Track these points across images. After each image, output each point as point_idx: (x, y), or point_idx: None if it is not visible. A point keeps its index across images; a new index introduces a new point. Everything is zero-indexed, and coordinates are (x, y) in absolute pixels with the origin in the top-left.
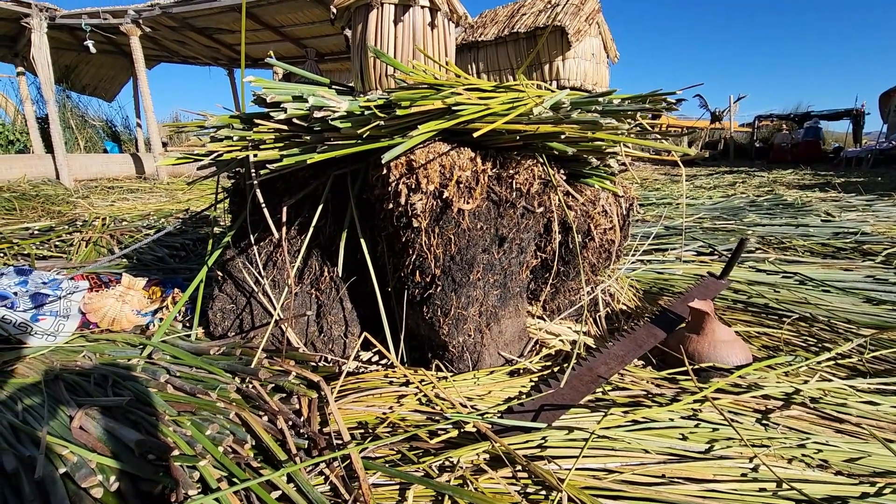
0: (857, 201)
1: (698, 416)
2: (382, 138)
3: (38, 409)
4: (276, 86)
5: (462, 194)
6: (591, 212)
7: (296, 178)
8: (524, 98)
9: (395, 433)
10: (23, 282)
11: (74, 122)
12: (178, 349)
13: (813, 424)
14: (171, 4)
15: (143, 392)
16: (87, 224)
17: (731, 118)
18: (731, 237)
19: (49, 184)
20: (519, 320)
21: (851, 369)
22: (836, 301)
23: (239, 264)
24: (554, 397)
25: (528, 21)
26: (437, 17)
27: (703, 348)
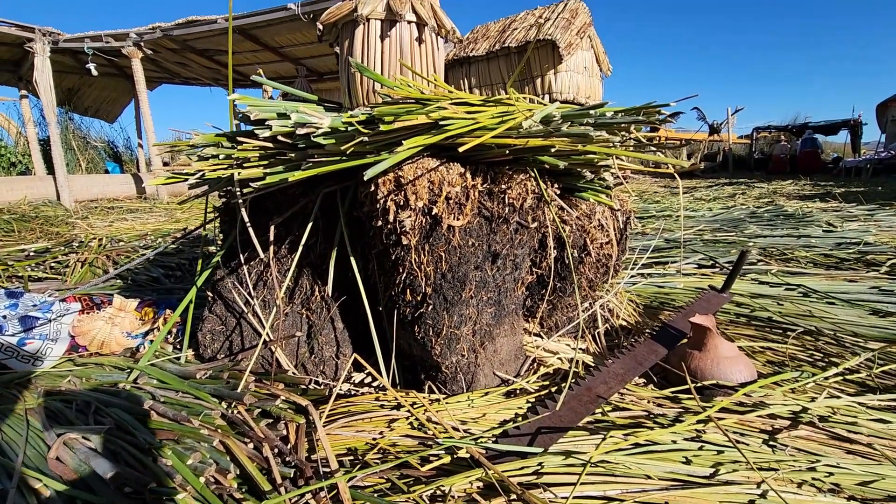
0: (858, 211)
1: (702, 437)
2: (368, 154)
3: (17, 438)
4: (260, 103)
5: (452, 210)
6: (587, 226)
7: (285, 196)
8: (514, 112)
9: (385, 460)
10: (13, 305)
11: (76, 144)
12: (166, 373)
13: (822, 445)
14: (172, 27)
15: (126, 419)
16: (83, 245)
17: (729, 130)
18: (732, 249)
19: (49, 205)
20: (515, 338)
21: (860, 385)
22: (842, 313)
23: (229, 284)
24: (551, 419)
25: (519, 36)
26: (425, 32)
27: (705, 365)
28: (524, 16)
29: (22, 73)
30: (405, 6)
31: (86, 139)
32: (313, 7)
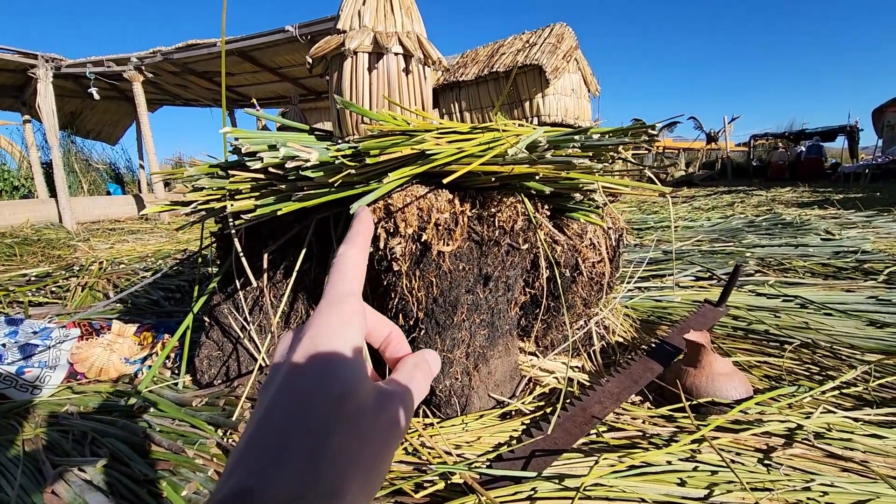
0: (856, 218)
1: (697, 457)
2: (357, 184)
3: (13, 470)
4: (251, 135)
5: (441, 236)
6: (579, 246)
7: (280, 223)
8: (501, 139)
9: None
10: (12, 332)
11: (78, 166)
12: (163, 400)
13: (817, 463)
14: (172, 51)
15: (122, 450)
16: (83, 269)
17: (726, 138)
18: (730, 260)
19: (52, 228)
20: (509, 359)
21: (857, 398)
22: (839, 325)
23: (225, 310)
24: (545, 442)
25: (507, 60)
26: (412, 63)
27: (700, 382)
28: (512, 41)
29: (25, 98)
30: (392, 39)
31: (88, 161)
32: (310, 29)
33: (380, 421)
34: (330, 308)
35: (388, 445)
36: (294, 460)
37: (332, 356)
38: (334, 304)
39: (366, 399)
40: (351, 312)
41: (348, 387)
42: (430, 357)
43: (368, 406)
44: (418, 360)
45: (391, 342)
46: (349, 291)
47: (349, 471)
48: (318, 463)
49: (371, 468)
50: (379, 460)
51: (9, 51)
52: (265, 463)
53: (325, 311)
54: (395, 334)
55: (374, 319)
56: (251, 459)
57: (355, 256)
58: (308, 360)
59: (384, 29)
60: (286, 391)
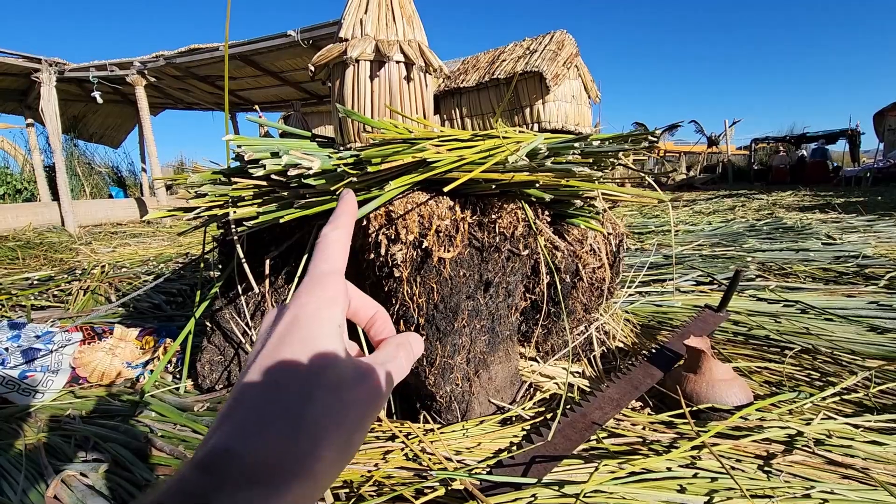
0: (857, 222)
1: (697, 463)
2: (359, 192)
3: (16, 475)
4: (253, 142)
5: (442, 243)
6: (579, 251)
7: (281, 229)
8: (501, 146)
9: (380, 493)
10: (15, 336)
11: (81, 170)
12: (164, 405)
13: (817, 470)
14: (175, 55)
15: (124, 454)
16: (86, 273)
17: (727, 142)
18: (731, 264)
19: (54, 231)
20: (510, 365)
21: (857, 404)
22: (840, 330)
23: (227, 315)
24: (546, 448)
25: (508, 67)
26: (413, 71)
27: (700, 388)
28: (512, 47)
29: (29, 101)
30: (393, 48)
31: (90, 165)
32: (312, 34)
33: (358, 392)
34: (313, 285)
35: (364, 416)
36: (273, 425)
37: (314, 330)
38: (317, 282)
39: (345, 371)
40: (333, 290)
41: (329, 359)
42: (412, 339)
43: (347, 378)
44: (401, 340)
45: (376, 322)
46: (332, 270)
47: (326, 438)
48: (297, 429)
49: (347, 436)
50: (355, 429)
51: (13, 55)
52: (245, 426)
53: (309, 287)
54: (380, 314)
55: (360, 299)
56: (232, 422)
57: (339, 237)
58: (291, 333)
59: (386, 37)
60: (269, 361)
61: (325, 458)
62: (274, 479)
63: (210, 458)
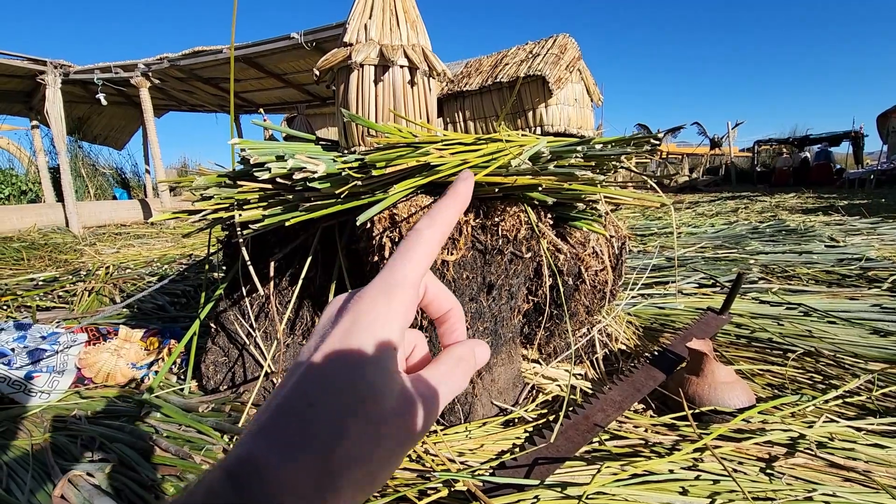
0: (861, 224)
1: (699, 466)
2: (363, 195)
3: (23, 475)
4: (259, 146)
5: (445, 246)
6: (582, 254)
7: (286, 231)
8: (504, 149)
9: (384, 493)
10: (21, 337)
11: (85, 171)
12: (169, 405)
13: (820, 473)
14: (179, 57)
15: (130, 455)
16: (90, 274)
17: (730, 144)
18: (734, 267)
19: (58, 232)
20: (513, 367)
21: (860, 408)
22: (843, 333)
23: (231, 316)
24: (548, 450)
25: (511, 71)
26: (417, 75)
27: (702, 391)
28: (515, 51)
29: (34, 103)
30: (397, 52)
31: (95, 166)
32: (315, 36)
33: (399, 427)
34: (379, 296)
35: (399, 450)
36: (306, 450)
37: (365, 352)
38: (384, 293)
39: (390, 405)
40: (398, 305)
41: (373, 389)
42: (478, 350)
43: (391, 412)
44: (463, 353)
45: (448, 319)
46: (405, 281)
47: (348, 474)
48: (321, 460)
49: (377, 470)
50: (388, 464)
51: (18, 57)
52: (279, 443)
53: (374, 296)
54: (455, 312)
55: (437, 291)
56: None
57: (430, 238)
58: (342, 349)
59: (390, 42)
60: (314, 379)
61: (346, 493)
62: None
63: (238, 468)
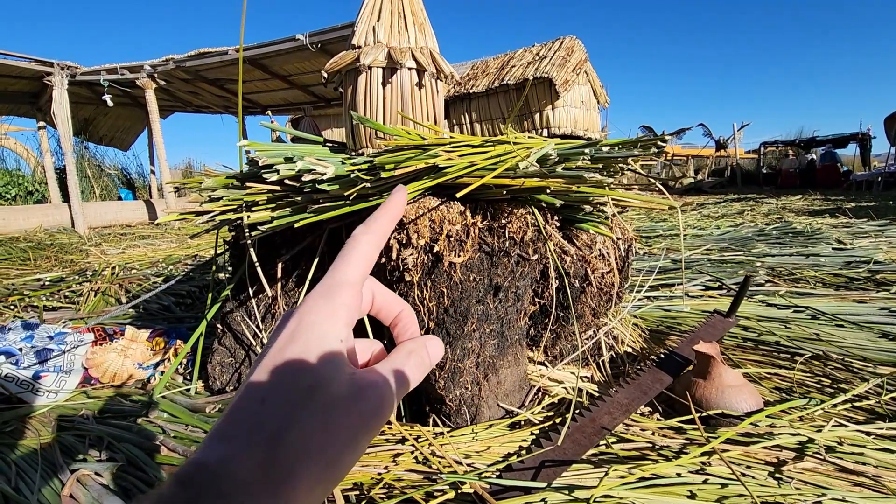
0: (868, 227)
1: (707, 469)
2: (371, 197)
3: (32, 474)
4: (268, 148)
5: (453, 248)
6: (588, 256)
7: (293, 232)
8: (512, 152)
9: (391, 495)
10: (28, 337)
11: (91, 172)
12: (176, 406)
13: (829, 477)
14: (184, 59)
15: (137, 455)
16: (96, 274)
17: (735, 145)
18: (740, 270)
19: (64, 232)
20: (519, 369)
21: (869, 412)
22: (851, 337)
23: (238, 317)
24: (555, 452)
25: (518, 73)
26: (425, 77)
27: (710, 394)
28: (522, 53)
29: (41, 104)
30: (405, 55)
31: (100, 167)
32: (321, 38)
33: (351, 413)
34: (321, 297)
35: (357, 437)
36: (251, 444)
37: (310, 347)
38: (326, 294)
39: (339, 391)
40: (341, 304)
41: (320, 379)
42: (430, 344)
43: (341, 398)
44: (415, 346)
45: (400, 321)
46: (347, 280)
47: (303, 462)
48: (273, 450)
49: (335, 459)
50: (347, 451)
51: (26, 58)
52: (224, 442)
53: (316, 299)
54: (406, 314)
55: (385, 297)
56: (216, 436)
57: (367, 243)
58: (288, 345)
59: (398, 44)
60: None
61: (302, 483)
62: (245, 498)
63: (188, 472)
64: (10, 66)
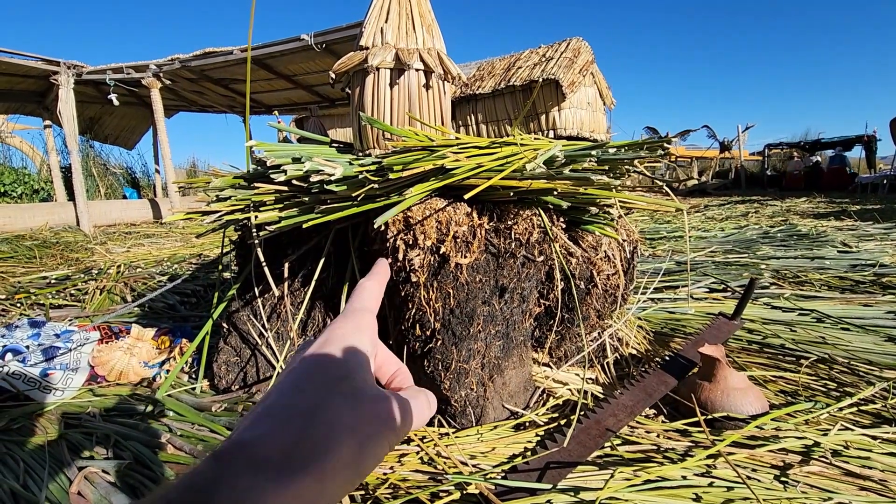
0: (874, 230)
1: (712, 472)
2: (378, 198)
3: (40, 471)
4: (275, 148)
5: (459, 249)
6: (594, 258)
7: (299, 233)
8: (519, 153)
9: (396, 495)
10: (35, 334)
11: (96, 171)
12: (182, 404)
13: (835, 481)
14: (190, 58)
15: (144, 453)
16: (102, 272)
17: (740, 147)
18: (745, 272)
19: (70, 230)
20: (524, 370)
21: (875, 416)
22: (857, 340)
23: (244, 317)
24: (560, 454)
25: (524, 74)
26: (432, 78)
27: (715, 397)
28: (528, 54)
29: (46, 103)
30: (413, 56)
31: (105, 166)
32: (325, 38)
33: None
34: (346, 317)
35: (379, 435)
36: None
37: (339, 350)
38: (350, 315)
39: (364, 387)
40: (364, 322)
41: (348, 371)
42: (429, 394)
43: (366, 394)
44: (420, 389)
45: (397, 377)
46: (364, 307)
47: (337, 438)
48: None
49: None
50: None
51: (32, 57)
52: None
53: (342, 319)
54: (402, 371)
55: (385, 356)
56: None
57: (373, 285)
58: (320, 351)
59: (406, 46)
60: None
61: (338, 457)
62: (281, 470)
63: (222, 449)
64: (17, 64)
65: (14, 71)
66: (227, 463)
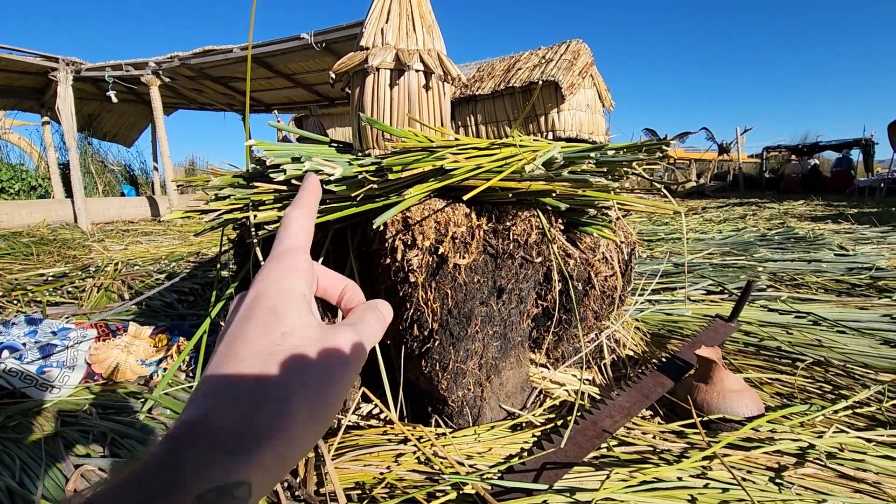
0: (871, 233)
1: (708, 474)
2: (378, 198)
3: (36, 469)
4: (275, 147)
5: (458, 249)
6: (591, 259)
7: None
8: (518, 154)
9: (392, 495)
10: (32, 332)
11: (95, 168)
12: (178, 403)
13: (829, 483)
14: (189, 56)
15: (140, 450)
16: (99, 270)
17: (738, 150)
18: (742, 274)
19: (67, 227)
20: (521, 371)
21: (870, 418)
22: (853, 343)
23: None
24: (556, 455)
25: (524, 76)
26: (432, 79)
27: (711, 398)
28: (528, 55)
29: (45, 100)
30: (413, 57)
31: (104, 163)
32: (325, 37)
33: (324, 352)
34: (272, 262)
35: (333, 373)
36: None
37: (273, 299)
38: (275, 259)
39: (308, 334)
40: (291, 264)
41: (289, 325)
42: (380, 304)
43: (311, 340)
44: (368, 305)
45: (345, 294)
46: (292, 246)
47: (293, 398)
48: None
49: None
50: (327, 385)
51: (31, 54)
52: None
53: (268, 265)
54: (350, 287)
55: (327, 277)
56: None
57: (299, 216)
58: (253, 306)
59: (406, 46)
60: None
61: (297, 418)
62: (241, 443)
63: (175, 432)
64: (16, 60)
65: (13, 67)
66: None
